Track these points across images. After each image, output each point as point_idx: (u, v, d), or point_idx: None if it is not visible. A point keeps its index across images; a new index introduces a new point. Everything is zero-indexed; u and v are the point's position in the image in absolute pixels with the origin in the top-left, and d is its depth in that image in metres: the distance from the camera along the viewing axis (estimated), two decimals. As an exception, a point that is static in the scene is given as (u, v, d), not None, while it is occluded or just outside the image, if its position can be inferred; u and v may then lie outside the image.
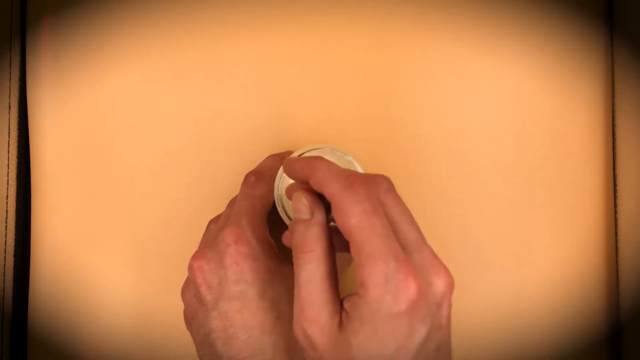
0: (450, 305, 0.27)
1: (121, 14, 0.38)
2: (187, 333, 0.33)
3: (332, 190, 0.27)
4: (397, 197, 0.28)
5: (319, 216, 0.28)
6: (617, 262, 0.39)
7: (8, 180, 0.41)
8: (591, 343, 0.39)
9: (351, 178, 0.27)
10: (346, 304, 0.26)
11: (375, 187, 0.27)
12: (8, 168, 0.41)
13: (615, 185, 0.39)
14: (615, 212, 0.39)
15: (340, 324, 0.26)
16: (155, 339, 0.38)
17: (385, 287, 0.25)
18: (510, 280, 0.38)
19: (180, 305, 0.33)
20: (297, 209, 0.29)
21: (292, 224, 0.29)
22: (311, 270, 0.27)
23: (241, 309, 0.30)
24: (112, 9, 0.39)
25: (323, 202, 0.29)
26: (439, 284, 0.27)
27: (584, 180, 0.39)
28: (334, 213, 0.26)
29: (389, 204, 0.27)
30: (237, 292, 0.30)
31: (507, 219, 0.38)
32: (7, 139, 0.41)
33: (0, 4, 0.41)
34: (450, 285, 0.27)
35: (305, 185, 0.29)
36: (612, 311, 0.40)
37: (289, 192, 0.31)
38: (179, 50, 0.38)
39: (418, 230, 0.28)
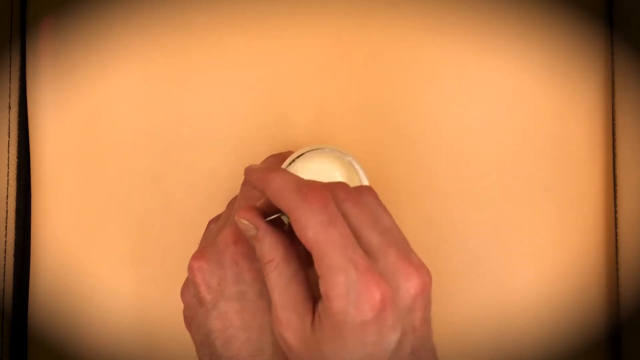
0: (424, 306, 0.27)
1: (121, 14, 0.38)
2: (187, 333, 0.33)
3: (288, 204, 0.27)
4: (359, 202, 0.28)
5: (265, 228, 0.28)
6: (617, 262, 0.39)
7: (8, 180, 0.41)
8: (591, 342, 0.39)
9: (304, 189, 0.26)
10: (319, 307, 0.26)
11: (334, 194, 0.27)
12: (8, 168, 0.41)
13: (615, 185, 0.39)
14: (615, 212, 0.39)
15: (313, 324, 0.26)
16: (155, 339, 0.39)
17: (347, 298, 0.25)
18: (510, 280, 0.38)
19: (180, 305, 0.33)
20: (242, 229, 0.29)
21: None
22: (276, 278, 0.28)
23: (241, 310, 0.30)
24: (112, 9, 0.39)
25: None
26: (408, 287, 0.26)
27: (584, 180, 0.39)
28: (293, 226, 0.26)
29: (350, 210, 0.27)
30: (236, 293, 0.30)
31: (508, 219, 0.38)
32: (7, 139, 0.41)
33: (0, 4, 0.41)
34: (422, 285, 0.26)
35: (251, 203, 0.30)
36: (612, 311, 0.39)
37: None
38: (179, 51, 0.38)
39: (383, 233, 0.27)
